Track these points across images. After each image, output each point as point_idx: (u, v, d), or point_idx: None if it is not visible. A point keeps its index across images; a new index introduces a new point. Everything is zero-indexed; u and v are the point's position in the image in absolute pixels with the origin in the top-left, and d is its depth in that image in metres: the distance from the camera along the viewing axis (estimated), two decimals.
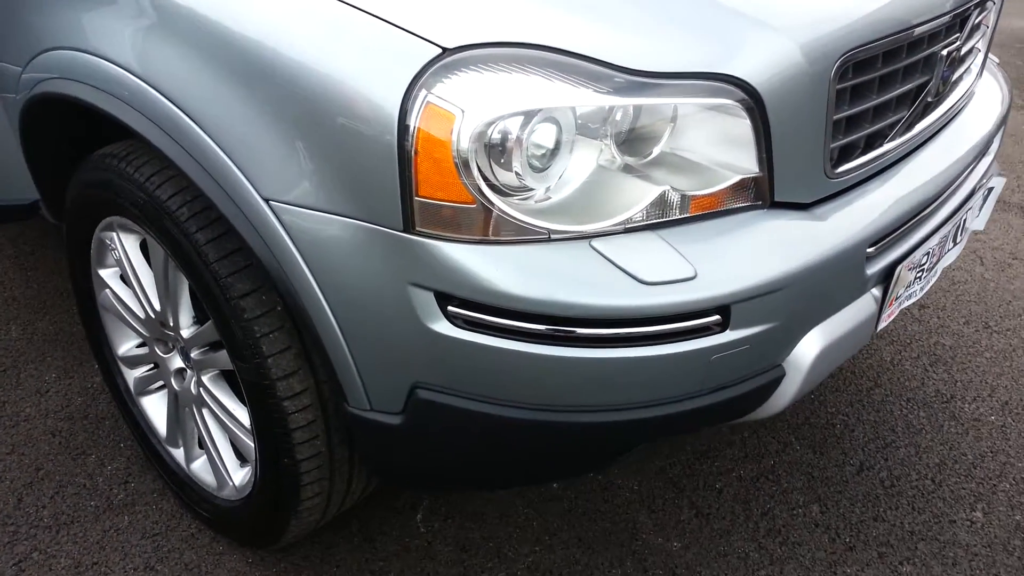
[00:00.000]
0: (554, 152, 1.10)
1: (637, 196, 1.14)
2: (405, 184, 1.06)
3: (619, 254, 1.09)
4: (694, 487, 1.86)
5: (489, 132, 1.04)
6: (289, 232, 1.15)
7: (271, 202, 1.15)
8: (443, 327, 1.11)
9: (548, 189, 1.12)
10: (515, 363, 1.10)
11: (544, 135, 1.08)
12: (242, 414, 1.47)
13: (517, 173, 1.07)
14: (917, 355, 2.29)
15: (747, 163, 1.17)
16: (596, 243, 1.10)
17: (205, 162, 1.19)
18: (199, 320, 1.51)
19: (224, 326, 1.31)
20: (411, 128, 1.04)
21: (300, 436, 1.34)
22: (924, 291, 1.55)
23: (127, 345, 1.77)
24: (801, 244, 1.19)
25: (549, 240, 1.10)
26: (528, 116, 1.06)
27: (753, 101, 1.13)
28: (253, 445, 1.46)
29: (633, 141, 1.16)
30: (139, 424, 1.80)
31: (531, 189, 1.10)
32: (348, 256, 1.13)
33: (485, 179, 1.06)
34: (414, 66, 1.05)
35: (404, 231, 1.09)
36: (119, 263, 1.57)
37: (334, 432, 1.37)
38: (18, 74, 1.55)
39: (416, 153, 1.05)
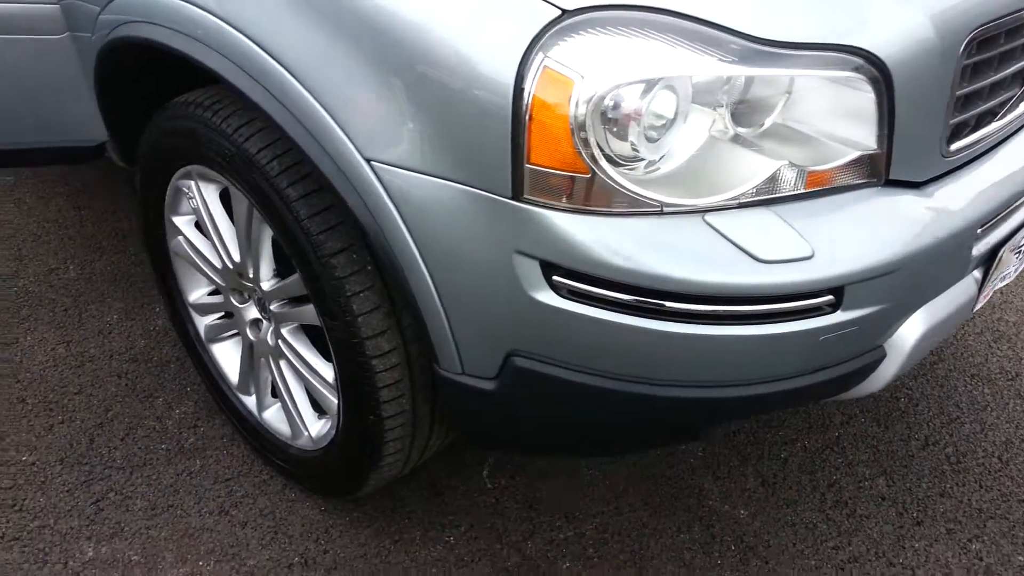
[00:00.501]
0: (671, 122, 1.06)
1: (750, 169, 1.10)
2: (517, 151, 1.03)
3: (734, 230, 1.06)
4: (759, 456, 1.85)
5: (608, 100, 1.00)
6: (390, 193, 1.13)
7: (372, 163, 1.13)
8: (547, 297, 1.09)
9: (659, 159, 1.08)
10: (621, 336, 1.08)
11: (663, 104, 1.04)
12: (324, 369, 1.47)
13: (632, 143, 1.03)
14: (980, 331, 2.24)
15: (866, 139, 1.12)
16: (710, 218, 1.07)
17: (305, 119, 1.16)
18: (280, 274, 1.49)
19: (313, 283, 1.30)
20: (526, 93, 1.01)
21: (386, 394, 1.33)
22: (1017, 273, 1.50)
23: (198, 292, 1.77)
24: (916, 224, 1.15)
25: (661, 213, 1.07)
26: (649, 84, 1.01)
27: (880, 75, 1.08)
28: (335, 400, 1.46)
29: (745, 111, 1.11)
30: (209, 370, 1.80)
31: (643, 159, 1.06)
32: (451, 221, 1.11)
33: (600, 148, 1.02)
34: (532, 28, 1.00)
35: (512, 198, 1.06)
36: (196, 212, 1.56)
37: (419, 391, 1.36)
38: (95, 14, 1.51)
39: (530, 119, 1.01)
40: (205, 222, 1.55)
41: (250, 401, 1.75)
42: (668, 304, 1.06)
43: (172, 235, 1.68)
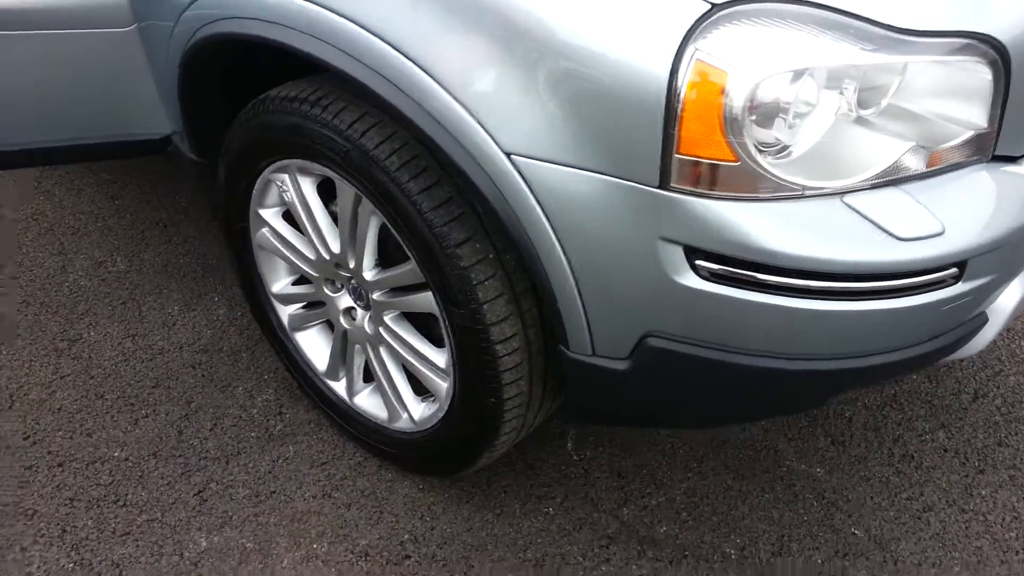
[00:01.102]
0: (810, 108, 1.10)
1: (878, 150, 1.15)
2: (667, 142, 1.07)
3: (872, 210, 1.11)
4: (824, 416, 1.93)
5: (758, 90, 1.05)
6: (531, 186, 1.16)
7: (512, 156, 1.16)
8: (689, 280, 1.14)
9: (792, 144, 1.13)
10: (761, 315, 1.14)
11: (807, 92, 1.08)
12: (433, 354, 1.50)
13: (777, 130, 1.08)
14: None
15: (978, 118, 1.18)
16: (848, 199, 1.12)
17: (442, 117, 1.18)
18: (381, 264, 1.52)
19: (436, 273, 1.33)
20: (679, 86, 1.04)
21: (508, 377, 1.38)
22: None
23: (282, 283, 1.78)
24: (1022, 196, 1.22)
25: (802, 196, 1.12)
26: (796, 74, 1.06)
27: (1000, 58, 1.13)
28: (444, 384, 1.51)
29: (863, 93, 1.16)
30: (294, 358, 1.83)
31: (781, 145, 1.11)
32: (593, 211, 1.15)
33: (749, 136, 1.07)
34: (684, 23, 1.04)
35: (659, 187, 1.10)
36: (291, 205, 1.57)
37: (535, 373, 1.41)
38: (180, 8, 1.50)
39: (683, 111, 1.05)
40: (301, 215, 1.56)
41: (338, 387, 1.78)
42: (810, 283, 1.11)
43: (257, 227, 1.69)
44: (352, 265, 1.53)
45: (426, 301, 1.43)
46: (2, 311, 2.11)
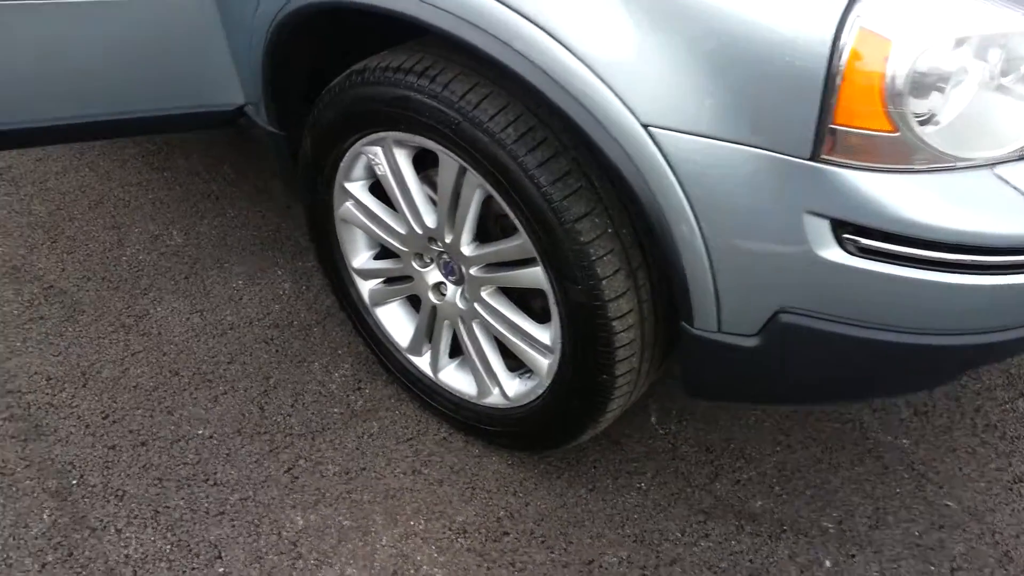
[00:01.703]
0: (962, 76, 1.06)
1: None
2: (823, 111, 1.03)
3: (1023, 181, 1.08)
4: None
5: (922, 58, 1.00)
6: (668, 158, 1.12)
7: (650, 128, 1.12)
8: (835, 254, 1.11)
9: (942, 114, 1.09)
10: (911, 290, 1.10)
11: (964, 60, 1.04)
12: (536, 330, 1.47)
13: (933, 100, 1.04)
14: None
15: None
16: (999, 170, 1.09)
17: (570, 86, 1.13)
18: (478, 238, 1.48)
19: (553, 249, 1.30)
20: (842, 54, 1.00)
21: (622, 353, 1.35)
22: None
23: (363, 257, 1.74)
24: None
25: (955, 168, 1.08)
26: (959, 42, 1.02)
27: None
28: (546, 360, 1.48)
29: (1006, 61, 1.12)
30: (374, 333, 1.80)
31: (931, 115, 1.07)
32: (735, 183, 1.11)
33: (909, 106, 1.03)
34: None
35: (810, 159, 1.06)
36: (383, 178, 1.53)
37: (647, 348, 1.38)
38: None
39: (843, 80, 1.01)
40: (394, 188, 1.52)
41: (421, 362, 1.76)
42: (963, 257, 1.08)
43: (342, 201, 1.65)
44: (449, 240, 1.49)
45: (533, 277, 1.39)
46: (63, 287, 2.07)
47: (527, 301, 1.54)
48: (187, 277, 2.12)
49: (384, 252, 1.73)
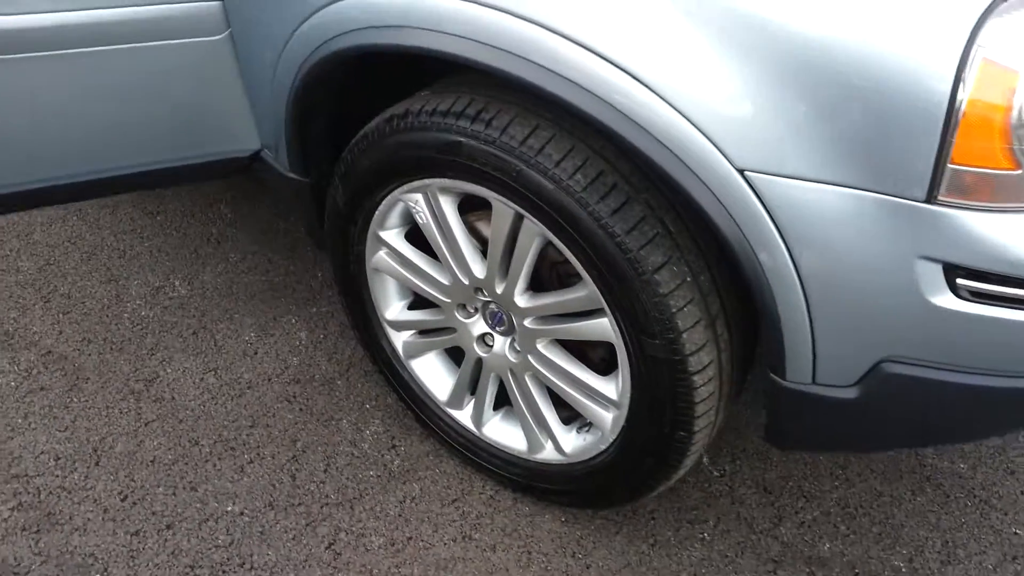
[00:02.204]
0: None
1: None
2: (941, 151, 0.96)
3: None
4: None
5: None
6: (765, 203, 1.04)
7: (746, 173, 1.04)
8: (947, 300, 1.03)
9: None
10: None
11: None
12: (599, 383, 1.38)
13: None
14: None
15: None
16: None
17: (657, 130, 1.05)
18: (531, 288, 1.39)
19: (628, 301, 1.21)
20: (963, 89, 0.93)
21: (701, 409, 1.27)
22: None
23: (396, 308, 1.63)
24: None
25: None
26: None
27: None
28: (610, 415, 1.39)
29: None
30: (410, 387, 1.69)
31: None
32: (840, 228, 1.03)
33: None
34: (970, 18, 0.92)
35: (925, 201, 0.99)
36: (425, 227, 1.42)
37: (723, 399, 1.30)
38: (301, 16, 1.33)
39: (963, 117, 0.94)
40: (437, 238, 1.42)
41: (462, 415, 1.65)
42: None
43: (375, 250, 1.54)
44: (500, 291, 1.40)
45: (599, 329, 1.30)
46: (63, 351, 1.92)
47: (584, 351, 1.45)
48: (195, 333, 1.99)
49: (419, 302, 1.63)
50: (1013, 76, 0.93)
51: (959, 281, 1.03)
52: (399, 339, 1.67)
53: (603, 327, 1.30)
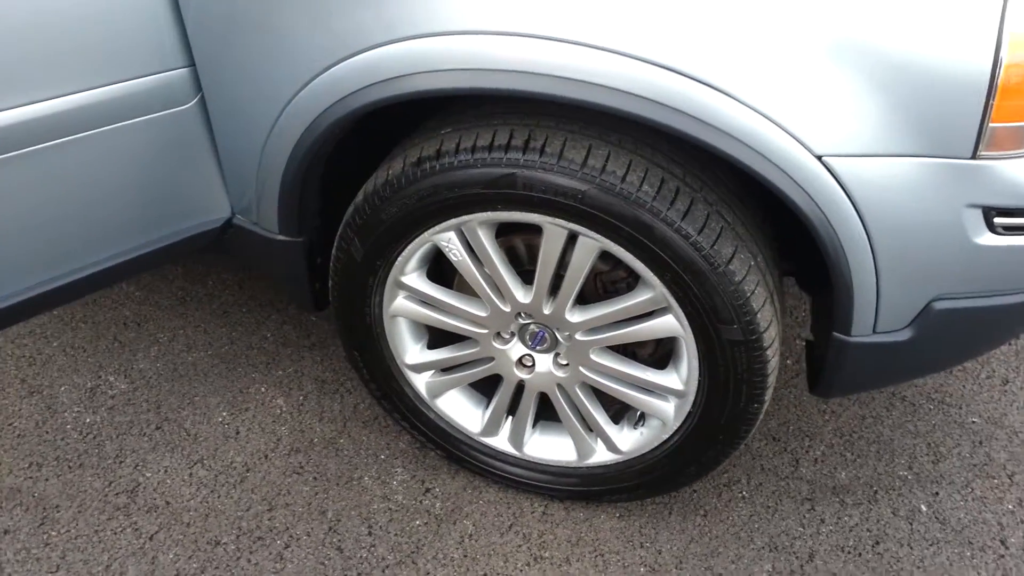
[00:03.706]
0: None
1: None
2: (984, 114, 1.11)
3: None
4: None
5: None
6: (842, 183, 1.14)
7: (824, 158, 1.13)
8: (987, 238, 1.19)
9: None
10: None
11: None
12: (662, 378, 1.43)
13: None
14: None
15: None
16: None
17: (736, 130, 1.12)
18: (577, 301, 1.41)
19: (706, 295, 1.27)
20: (1001, 60, 1.08)
21: (771, 380, 1.37)
22: None
23: (415, 351, 1.59)
24: None
25: None
26: None
27: None
28: (671, 405, 1.45)
29: None
30: (438, 427, 1.65)
31: None
32: (903, 193, 1.15)
33: None
34: (997, 5, 1.07)
35: (971, 158, 1.14)
36: (460, 263, 1.40)
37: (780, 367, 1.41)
38: (311, 72, 1.26)
39: (1001, 82, 1.09)
40: (474, 273, 1.40)
41: (497, 441, 1.65)
42: None
43: (393, 297, 1.49)
44: (548, 311, 1.41)
45: (665, 326, 1.35)
46: (12, 484, 1.66)
47: (634, 351, 1.50)
48: (159, 427, 1.80)
49: (439, 340, 1.59)
50: None
51: (996, 220, 1.20)
52: (420, 381, 1.62)
53: (668, 324, 1.35)
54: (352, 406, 1.86)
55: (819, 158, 1.13)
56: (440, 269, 1.54)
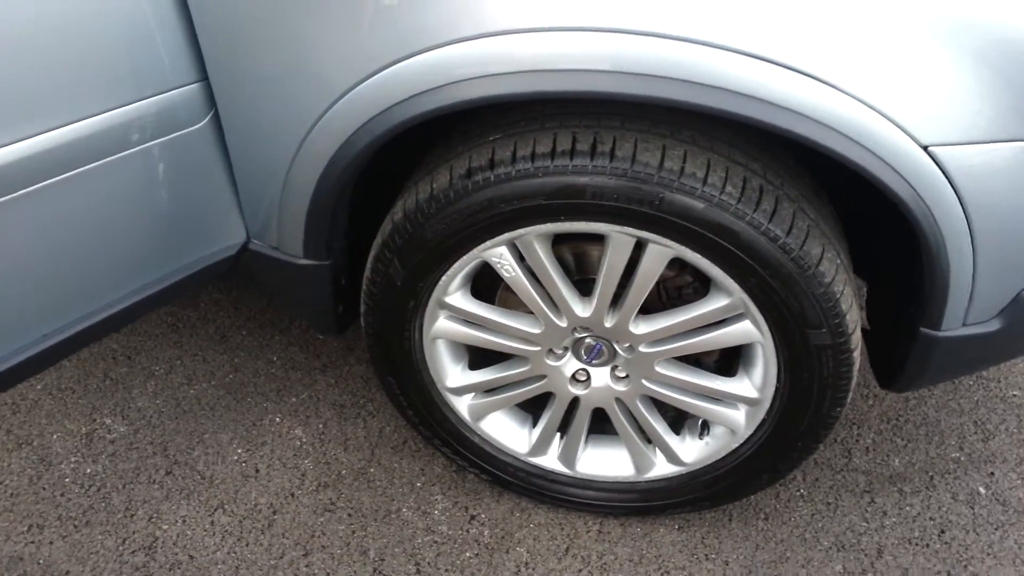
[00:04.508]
0: None
1: None
2: None
3: None
4: None
5: None
6: (947, 172, 1.06)
7: (930, 148, 1.04)
8: None
9: None
10: None
11: None
12: (734, 386, 1.34)
13: None
14: None
15: None
16: None
17: (837, 122, 1.02)
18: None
19: (794, 298, 1.17)
20: None
21: (854, 381, 1.29)
22: None
23: (455, 372, 1.46)
24: None
25: None
26: None
27: None
28: (742, 413, 1.36)
29: None
30: (483, 451, 1.54)
31: None
32: (1003, 178, 1.07)
33: None
34: None
35: None
36: (512, 280, 1.27)
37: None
38: (351, 81, 1.11)
39: None
40: (529, 289, 1.28)
41: (546, 461, 1.54)
42: None
43: (434, 319, 1.36)
44: (611, 324, 1.30)
45: (741, 334, 1.26)
46: (11, 552, 1.49)
47: (699, 359, 1.41)
48: (169, 472, 1.64)
49: (478, 360, 1.47)
50: None
51: None
52: (462, 404, 1.50)
53: (746, 330, 1.25)
54: (378, 431, 1.73)
55: (925, 148, 1.04)
56: (477, 284, 1.42)
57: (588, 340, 1.36)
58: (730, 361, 1.42)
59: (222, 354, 1.89)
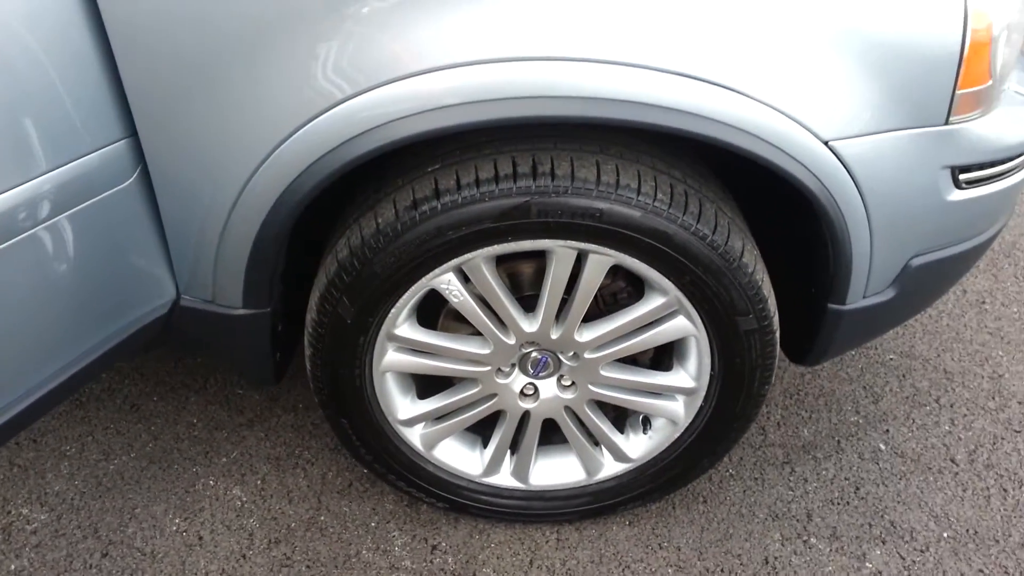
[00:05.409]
0: None
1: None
2: (956, 83, 1.20)
3: None
4: None
5: (1006, 25, 1.23)
6: (845, 164, 1.20)
7: (830, 143, 1.18)
8: (955, 195, 1.31)
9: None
10: (993, 201, 1.37)
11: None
12: (672, 379, 1.43)
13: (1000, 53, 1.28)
14: None
15: None
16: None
17: (744, 124, 1.14)
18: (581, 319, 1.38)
19: (724, 291, 1.28)
20: (967, 34, 1.17)
21: (777, 361, 1.41)
22: None
23: (405, 404, 1.47)
24: None
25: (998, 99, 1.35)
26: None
27: None
28: (681, 403, 1.46)
29: None
30: (438, 479, 1.55)
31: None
32: (894, 165, 1.23)
33: (998, 60, 1.25)
34: None
35: (944, 124, 1.23)
36: (461, 304, 1.31)
37: None
38: (269, 149, 1.12)
39: (967, 51, 1.19)
40: (477, 311, 1.32)
41: (500, 479, 1.58)
42: (1009, 165, 1.37)
43: (383, 352, 1.37)
44: (556, 335, 1.36)
45: (678, 328, 1.36)
46: None
47: (635, 358, 1.49)
48: (105, 554, 1.54)
49: (426, 389, 1.49)
50: (987, 15, 1.20)
51: (961, 177, 1.31)
52: (415, 435, 1.51)
53: (681, 326, 1.35)
54: (320, 477, 1.70)
55: (826, 143, 1.18)
56: (419, 313, 1.45)
57: (534, 354, 1.42)
58: (661, 357, 1.52)
59: (136, 424, 1.80)
